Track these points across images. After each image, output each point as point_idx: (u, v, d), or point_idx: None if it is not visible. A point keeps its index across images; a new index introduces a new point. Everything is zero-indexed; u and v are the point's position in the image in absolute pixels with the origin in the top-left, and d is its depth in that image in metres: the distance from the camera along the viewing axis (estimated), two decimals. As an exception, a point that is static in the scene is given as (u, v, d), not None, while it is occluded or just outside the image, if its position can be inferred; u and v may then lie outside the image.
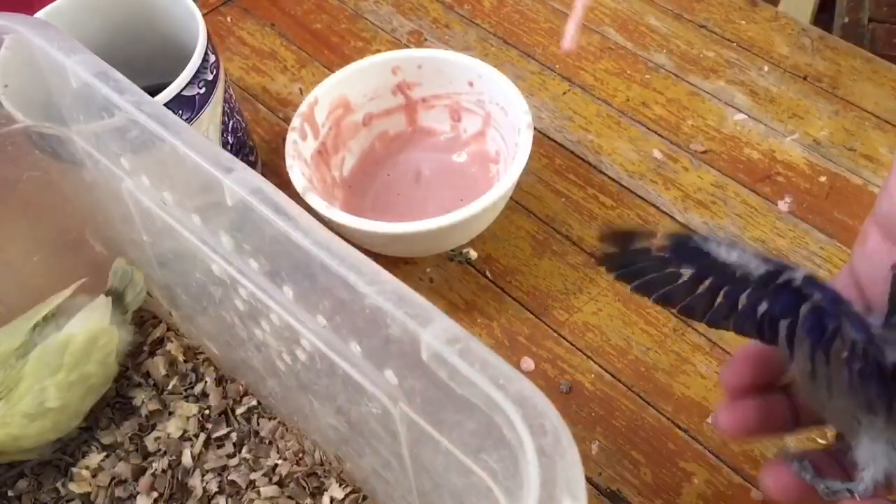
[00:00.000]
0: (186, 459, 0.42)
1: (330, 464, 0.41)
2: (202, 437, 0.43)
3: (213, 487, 0.41)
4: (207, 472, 0.42)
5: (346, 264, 0.27)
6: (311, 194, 0.45)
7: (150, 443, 0.43)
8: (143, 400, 0.44)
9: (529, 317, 0.47)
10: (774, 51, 0.58)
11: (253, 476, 0.42)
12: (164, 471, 0.42)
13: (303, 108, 0.49)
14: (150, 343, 0.46)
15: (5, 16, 0.35)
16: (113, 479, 0.42)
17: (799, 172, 0.52)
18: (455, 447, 0.27)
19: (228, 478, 0.42)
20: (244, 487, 0.41)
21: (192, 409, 0.44)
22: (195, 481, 0.42)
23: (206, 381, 0.45)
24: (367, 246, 0.45)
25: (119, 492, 0.42)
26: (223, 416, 0.44)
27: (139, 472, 0.42)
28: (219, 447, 0.43)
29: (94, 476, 0.42)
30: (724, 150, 0.54)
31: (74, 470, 0.42)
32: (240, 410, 0.44)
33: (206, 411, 0.44)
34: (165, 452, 0.43)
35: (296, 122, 0.48)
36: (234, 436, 0.43)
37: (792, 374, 0.29)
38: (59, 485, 0.42)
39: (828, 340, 0.24)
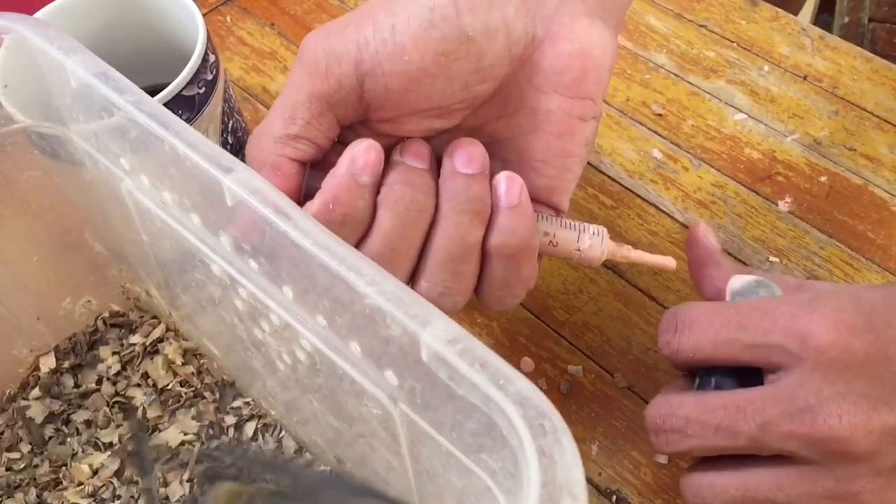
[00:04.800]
0: (186, 462, 0.42)
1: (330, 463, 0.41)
2: (202, 438, 0.43)
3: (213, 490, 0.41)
4: (207, 476, 0.42)
5: (346, 264, 0.27)
6: (311, 194, 0.45)
7: (149, 446, 0.43)
8: (143, 402, 0.44)
9: (529, 317, 0.47)
10: (774, 51, 0.58)
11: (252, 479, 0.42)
12: (164, 473, 0.42)
13: None
14: (149, 343, 0.46)
15: (5, 16, 0.35)
16: (113, 477, 0.42)
17: (799, 172, 0.52)
18: (455, 447, 0.27)
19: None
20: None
21: (192, 411, 0.44)
22: (195, 486, 0.42)
23: (205, 383, 0.45)
24: (366, 246, 0.45)
25: (120, 490, 0.42)
26: (222, 417, 0.44)
27: (139, 473, 0.42)
28: (217, 449, 0.43)
29: (94, 473, 0.42)
30: (724, 150, 0.54)
31: (75, 464, 0.42)
32: (239, 411, 0.44)
33: (206, 413, 0.44)
34: (166, 454, 0.43)
35: None
36: (233, 438, 0.43)
37: None
38: (61, 475, 0.42)
39: None
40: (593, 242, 0.36)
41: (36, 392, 0.45)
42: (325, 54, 0.32)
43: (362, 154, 0.31)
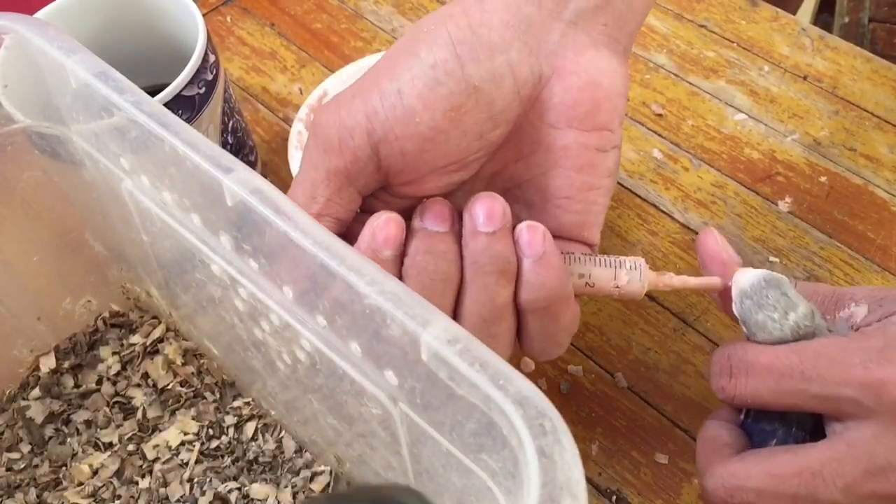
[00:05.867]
0: (186, 462, 0.42)
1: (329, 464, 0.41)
2: (202, 438, 0.43)
3: (213, 490, 0.41)
4: (207, 476, 0.42)
5: (346, 264, 0.27)
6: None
7: (149, 446, 0.43)
8: (143, 402, 0.44)
9: (529, 317, 0.47)
10: (774, 51, 0.58)
11: (252, 479, 0.42)
12: (164, 473, 0.42)
13: (311, 100, 0.49)
14: (149, 343, 0.46)
15: (5, 16, 0.35)
16: (113, 477, 0.42)
17: (799, 172, 0.52)
18: (455, 447, 0.27)
19: (227, 481, 0.42)
20: (243, 492, 0.41)
21: (192, 411, 0.44)
22: (195, 486, 0.42)
23: (205, 383, 0.45)
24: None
25: (120, 490, 0.42)
26: (222, 417, 0.44)
27: (139, 473, 0.42)
28: (218, 448, 0.43)
29: (94, 473, 0.42)
30: (724, 150, 0.54)
31: (75, 464, 0.42)
32: (239, 411, 0.44)
33: (206, 413, 0.44)
34: (166, 455, 0.43)
35: (303, 112, 0.48)
36: (233, 438, 0.43)
37: None
38: (61, 475, 0.42)
39: None
40: (631, 277, 0.34)
41: (36, 392, 0.45)
42: (336, 129, 0.32)
43: (382, 228, 0.31)
